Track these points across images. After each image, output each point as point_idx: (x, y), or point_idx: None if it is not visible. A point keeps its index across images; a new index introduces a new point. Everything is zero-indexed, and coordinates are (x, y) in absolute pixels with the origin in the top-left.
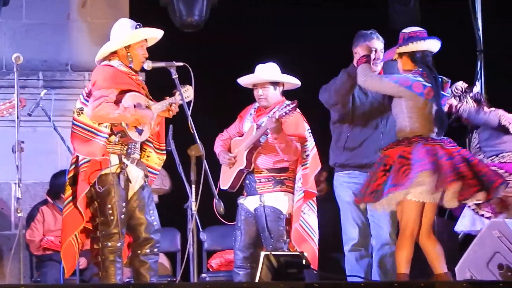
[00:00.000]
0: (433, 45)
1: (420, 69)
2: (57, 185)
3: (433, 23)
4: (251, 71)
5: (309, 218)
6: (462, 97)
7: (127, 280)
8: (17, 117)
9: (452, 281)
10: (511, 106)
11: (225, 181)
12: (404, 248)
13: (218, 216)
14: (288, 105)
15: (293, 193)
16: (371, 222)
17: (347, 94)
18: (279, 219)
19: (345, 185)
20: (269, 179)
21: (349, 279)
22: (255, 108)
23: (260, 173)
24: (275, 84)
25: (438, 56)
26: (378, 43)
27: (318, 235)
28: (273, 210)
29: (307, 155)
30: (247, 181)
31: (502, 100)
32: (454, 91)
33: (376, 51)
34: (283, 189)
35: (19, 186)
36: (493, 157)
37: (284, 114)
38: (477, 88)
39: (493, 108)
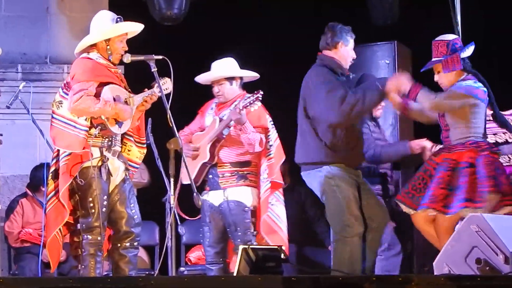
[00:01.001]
0: (472, 50)
1: (470, 75)
2: (37, 178)
3: (412, 19)
4: None
5: (277, 209)
6: None
7: (106, 273)
8: None
9: (429, 275)
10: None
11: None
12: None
13: (180, 212)
14: (252, 96)
15: (256, 187)
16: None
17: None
18: (244, 212)
19: (347, 179)
20: (233, 174)
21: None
22: (216, 102)
23: (223, 168)
24: (230, 79)
25: (416, 52)
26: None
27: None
28: (237, 204)
29: (271, 145)
30: (210, 176)
31: None
32: None
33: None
34: (246, 183)
35: None
36: None
37: (248, 104)
38: None
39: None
